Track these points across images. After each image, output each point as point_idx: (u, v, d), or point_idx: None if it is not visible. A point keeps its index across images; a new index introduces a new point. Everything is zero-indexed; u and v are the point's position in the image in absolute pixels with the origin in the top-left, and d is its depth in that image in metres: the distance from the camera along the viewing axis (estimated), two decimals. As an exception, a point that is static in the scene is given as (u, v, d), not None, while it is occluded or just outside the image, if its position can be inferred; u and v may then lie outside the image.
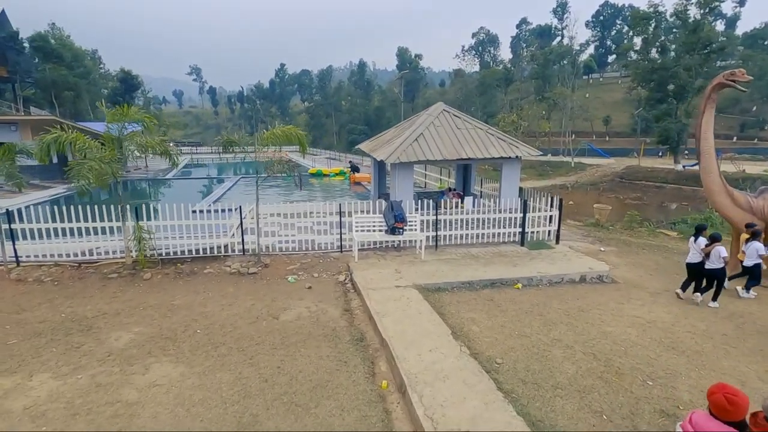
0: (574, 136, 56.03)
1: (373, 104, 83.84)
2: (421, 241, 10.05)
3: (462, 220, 10.95)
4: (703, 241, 8.00)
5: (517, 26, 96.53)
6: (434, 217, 10.65)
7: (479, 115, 57.90)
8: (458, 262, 9.85)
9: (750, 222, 8.99)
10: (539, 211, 11.50)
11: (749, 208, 10.05)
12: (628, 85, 49.22)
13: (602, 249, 12.34)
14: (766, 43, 66.16)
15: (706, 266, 7.90)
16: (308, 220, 10.35)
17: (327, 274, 9.25)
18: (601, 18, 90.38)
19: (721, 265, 7.73)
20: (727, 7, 73.53)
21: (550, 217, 11.47)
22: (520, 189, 12.88)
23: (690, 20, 36.98)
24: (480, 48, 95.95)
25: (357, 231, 10.02)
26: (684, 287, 8.39)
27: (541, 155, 14.30)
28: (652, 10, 38.41)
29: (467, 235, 11.11)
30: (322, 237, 10.59)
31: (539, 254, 10.55)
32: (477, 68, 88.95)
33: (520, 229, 11.16)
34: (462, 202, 12.13)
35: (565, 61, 65.17)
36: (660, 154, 48.26)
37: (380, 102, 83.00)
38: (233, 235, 10.25)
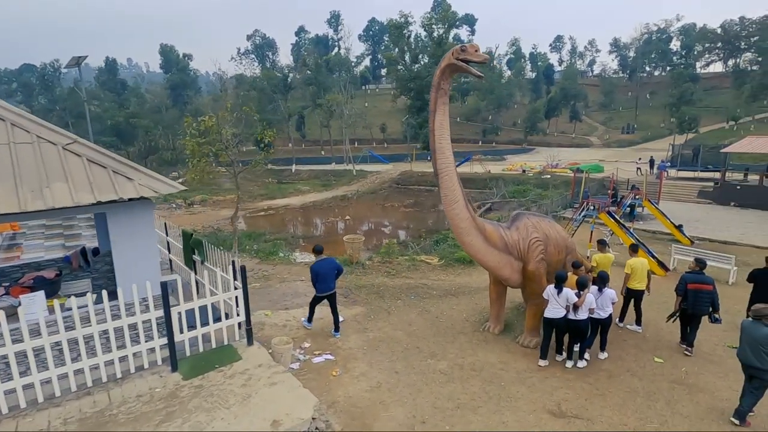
0: (356, 143, 56.05)
1: (129, 111, 67.50)
2: None
3: (20, 353, 4.69)
4: (570, 292, 6.35)
5: (296, 34, 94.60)
6: None
7: (260, 123, 51.82)
8: None
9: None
10: (212, 291, 6.25)
11: (504, 246, 7.10)
12: (394, 94, 51.62)
13: (341, 318, 8.24)
14: (492, 64, 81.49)
15: (572, 317, 6.41)
16: None
17: None
18: (371, 32, 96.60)
19: (586, 315, 6.47)
20: (464, 34, 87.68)
21: (236, 297, 6.36)
22: (192, 236, 7.44)
23: (435, 34, 39.93)
24: (260, 52, 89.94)
25: None
26: (549, 351, 6.72)
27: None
28: (403, 20, 39.99)
29: (45, 381, 4.92)
30: None
31: (198, 392, 5.24)
32: (258, 73, 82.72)
33: (168, 340, 5.65)
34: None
35: (343, 71, 65.49)
36: (429, 158, 52.21)
37: (138, 108, 67.41)
38: None
